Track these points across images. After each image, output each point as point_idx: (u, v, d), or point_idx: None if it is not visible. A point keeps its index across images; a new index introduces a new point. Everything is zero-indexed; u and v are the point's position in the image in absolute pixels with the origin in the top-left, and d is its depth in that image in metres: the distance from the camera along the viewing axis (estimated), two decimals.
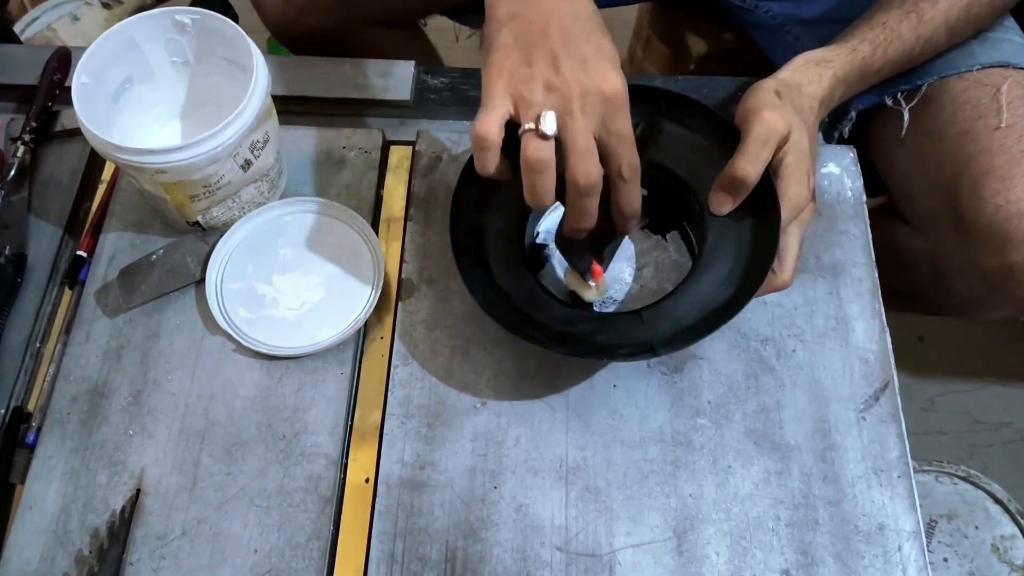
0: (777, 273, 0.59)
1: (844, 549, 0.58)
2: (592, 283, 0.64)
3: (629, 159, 0.52)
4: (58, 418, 0.63)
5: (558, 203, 0.54)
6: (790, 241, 0.59)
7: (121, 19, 0.84)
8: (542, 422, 0.62)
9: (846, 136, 0.78)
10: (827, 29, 0.71)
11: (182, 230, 0.69)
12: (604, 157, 0.52)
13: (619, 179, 0.53)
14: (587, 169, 0.51)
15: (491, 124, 0.51)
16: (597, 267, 0.63)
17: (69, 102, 0.60)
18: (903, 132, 0.75)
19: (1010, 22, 0.77)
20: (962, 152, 0.71)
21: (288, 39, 0.89)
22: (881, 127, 0.79)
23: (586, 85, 0.50)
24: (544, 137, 0.50)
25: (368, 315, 0.65)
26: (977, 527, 1.01)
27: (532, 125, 0.50)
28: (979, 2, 0.69)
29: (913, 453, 0.61)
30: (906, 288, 0.82)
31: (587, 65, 0.51)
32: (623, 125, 0.51)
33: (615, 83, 0.50)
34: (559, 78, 0.50)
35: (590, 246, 0.61)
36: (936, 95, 0.74)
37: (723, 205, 0.60)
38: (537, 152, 0.50)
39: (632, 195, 0.54)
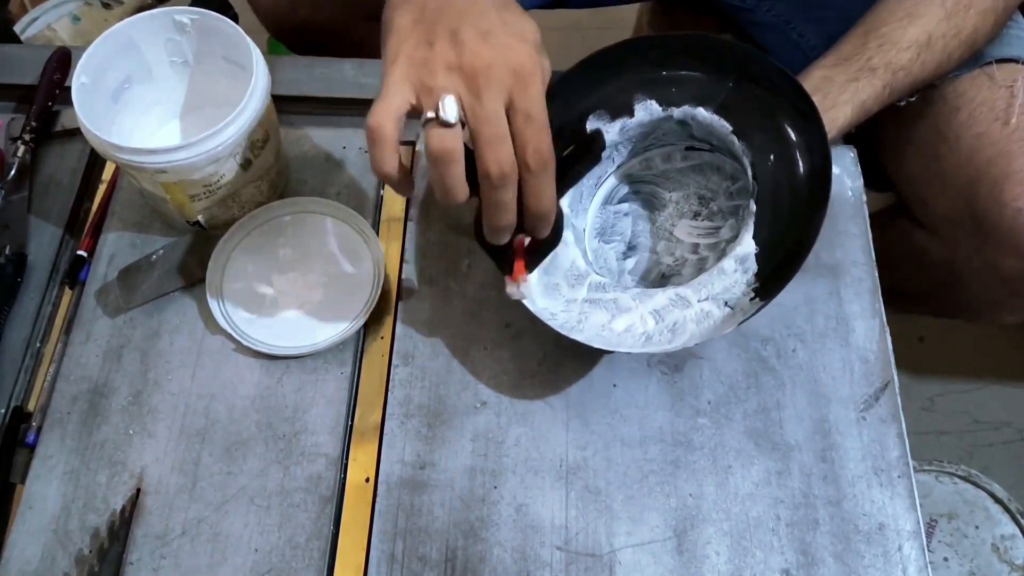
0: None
1: (844, 549, 0.58)
2: (508, 281, 0.56)
3: (535, 143, 0.45)
4: (58, 418, 0.63)
5: None
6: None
7: (121, 19, 0.83)
8: (542, 422, 0.62)
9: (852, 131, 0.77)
10: (836, 27, 0.70)
11: (182, 230, 0.69)
12: (513, 140, 0.45)
13: (524, 168, 0.46)
14: (497, 157, 0.44)
15: (384, 114, 0.45)
16: (519, 263, 0.55)
17: (69, 102, 0.60)
18: (907, 132, 0.74)
19: (1018, 16, 0.75)
20: (979, 155, 0.69)
21: (281, 33, 0.89)
22: (892, 128, 0.77)
23: (490, 59, 0.44)
24: (446, 125, 0.44)
25: (368, 315, 0.65)
26: (977, 527, 1.01)
27: (432, 113, 0.44)
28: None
29: (913, 453, 0.61)
30: (919, 291, 0.81)
31: (491, 38, 0.45)
32: (531, 103, 0.45)
33: (521, 55, 0.45)
34: (460, 56, 0.45)
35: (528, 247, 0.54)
36: (949, 96, 0.72)
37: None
38: (440, 142, 0.44)
39: (539, 187, 0.47)
